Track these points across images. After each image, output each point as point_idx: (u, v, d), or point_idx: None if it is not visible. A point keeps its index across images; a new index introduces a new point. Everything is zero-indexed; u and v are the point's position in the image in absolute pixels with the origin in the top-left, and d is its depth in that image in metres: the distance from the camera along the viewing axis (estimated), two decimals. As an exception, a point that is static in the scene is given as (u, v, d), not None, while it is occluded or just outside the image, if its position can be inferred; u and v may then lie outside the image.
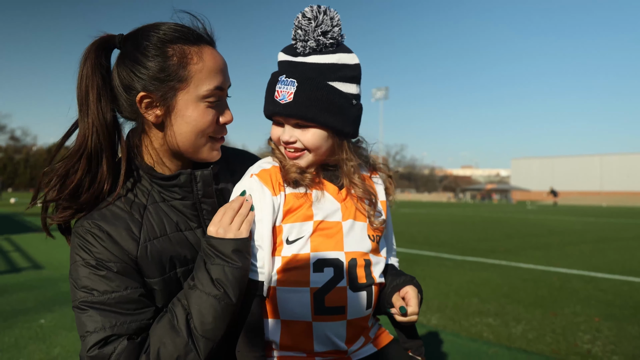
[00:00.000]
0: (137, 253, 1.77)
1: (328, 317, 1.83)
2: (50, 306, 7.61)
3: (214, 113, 1.85)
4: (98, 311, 1.68)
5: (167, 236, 1.85)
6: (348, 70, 1.89)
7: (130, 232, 1.79)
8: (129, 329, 1.68)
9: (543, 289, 9.52)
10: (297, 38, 1.86)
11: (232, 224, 1.72)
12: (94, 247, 1.74)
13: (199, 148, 1.88)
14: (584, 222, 32.54)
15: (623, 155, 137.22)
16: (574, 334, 6.48)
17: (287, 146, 1.89)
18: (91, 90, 1.79)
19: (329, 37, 1.85)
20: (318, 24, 1.83)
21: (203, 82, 1.80)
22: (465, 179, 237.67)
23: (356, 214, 1.95)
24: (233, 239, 1.70)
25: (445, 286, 9.66)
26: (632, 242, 18.67)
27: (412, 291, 1.95)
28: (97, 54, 1.82)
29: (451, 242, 18.22)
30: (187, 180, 1.87)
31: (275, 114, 1.87)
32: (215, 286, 1.67)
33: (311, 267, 1.82)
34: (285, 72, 1.87)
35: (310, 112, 1.83)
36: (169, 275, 1.83)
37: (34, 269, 11.03)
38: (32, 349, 5.70)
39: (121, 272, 1.73)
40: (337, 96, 1.86)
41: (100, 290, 1.70)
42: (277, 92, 1.84)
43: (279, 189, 1.88)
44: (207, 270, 1.70)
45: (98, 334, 1.65)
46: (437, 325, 6.80)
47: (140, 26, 1.86)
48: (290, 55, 1.90)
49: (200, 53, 1.81)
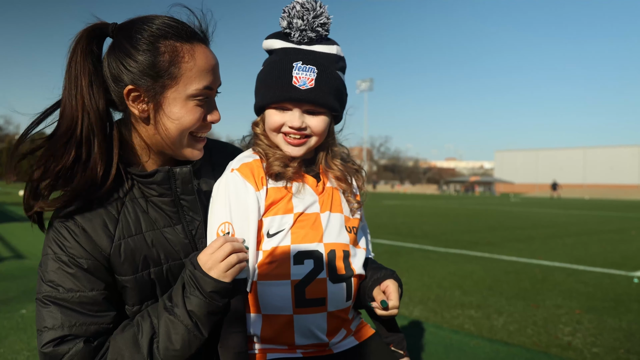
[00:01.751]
0: (110, 250, 1.75)
1: (309, 310, 1.83)
2: (32, 296, 7.41)
3: (202, 111, 1.83)
4: (60, 308, 1.67)
5: (142, 235, 1.83)
6: (343, 62, 1.99)
7: (105, 228, 1.77)
8: (87, 331, 1.67)
9: (525, 281, 9.59)
10: (295, 27, 1.88)
11: (222, 262, 1.65)
12: (67, 242, 1.73)
13: (182, 146, 1.86)
14: (567, 214, 32.80)
15: (606, 149, 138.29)
16: (555, 326, 6.53)
17: (296, 132, 1.89)
18: (83, 76, 1.75)
19: (326, 29, 1.92)
20: (317, 15, 1.88)
21: (193, 81, 1.78)
22: (449, 171, 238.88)
23: (332, 206, 1.97)
24: (215, 279, 1.64)
25: (428, 278, 9.70)
26: (614, 235, 18.83)
27: (393, 285, 1.97)
28: (88, 41, 1.78)
29: (435, 234, 18.30)
30: (165, 178, 1.85)
31: (294, 99, 1.86)
32: (190, 316, 1.64)
33: (291, 259, 1.83)
34: (301, 59, 1.87)
35: (330, 99, 1.89)
36: (141, 275, 1.81)
37: (16, 259, 10.96)
38: (13, 339, 5.66)
39: (91, 269, 1.72)
40: (342, 85, 1.97)
41: (66, 287, 1.69)
42: (295, 78, 1.84)
43: (262, 183, 1.88)
44: (184, 298, 1.67)
45: (55, 331, 1.64)
46: (420, 317, 6.81)
47: (135, 17, 1.82)
48: (290, 42, 1.92)
49: (192, 51, 1.79)
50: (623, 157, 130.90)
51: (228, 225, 1.81)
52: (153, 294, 1.85)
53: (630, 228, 22.21)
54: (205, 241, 1.90)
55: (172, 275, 1.86)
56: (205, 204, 1.94)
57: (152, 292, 1.85)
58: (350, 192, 2.04)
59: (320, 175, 2.02)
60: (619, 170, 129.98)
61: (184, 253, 1.88)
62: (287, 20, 1.90)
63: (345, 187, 2.03)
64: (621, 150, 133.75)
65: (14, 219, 20.64)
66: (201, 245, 1.92)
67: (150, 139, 1.86)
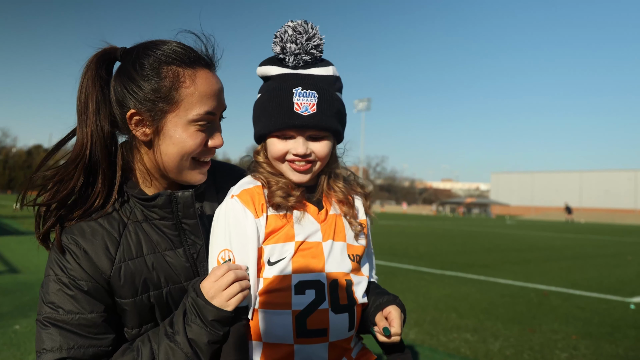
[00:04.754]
0: (111, 273, 1.75)
1: (310, 340, 1.81)
2: (26, 311, 7.52)
3: (203, 136, 1.83)
4: (59, 330, 1.67)
5: (142, 258, 1.82)
6: (339, 82, 1.97)
7: (106, 250, 1.77)
8: (85, 353, 1.67)
9: (521, 305, 9.58)
10: (289, 51, 1.87)
11: (225, 290, 1.66)
12: (68, 264, 1.73)
13: (183, 170, 1.86)
14: (562, 238, 32.87)
15: (602, 172, 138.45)
16: (551, 352, 6.52)
17: (301, 159, 1.87)
18: (90, 101, 1.79)
19: (320, 50, 1.91)
20: (310, 37, 1.87)
21: (194, 106, 1.78)
22: (445, 192, 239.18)
23: (335, 235, 1.94)
24: (217, 308, 1.65)
25: (423, 300, 9.70)
26: (610, 260, 18.84)
27: (395, 311, 1.94)
28: (97, 66, 1.81)
29: (430, 255, 18.27)
30: (166, 202, 1.84)
31: (298, 126, 1.84)
32: (190, 345, 1.66)
33: (292, 289, 1.81)
34: (300, 84, 1.86)
35: (333, 123, 1.89)
36: (141, 298, 1.80)
37: (9, 273, 10.92)
38: (6, 355, 5.62)
39: (91, 292, 1.72)
40: (342, 106, 1.96)
41: (66, 309, 1.69)
42: (296, 105, 1.83)
43: (262, 210, 1.86)
44: (184, 326, 1.68)
45: (54, 353, 1.64)
46: (415, 340, 6.80)
47: (143, 42, 1.85)
48: (285, 67, 1.91)
49: (194, 77, 1.79)
50: (619, 181, 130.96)
51: (228, 253, 1.80)
52: (152, 317, 1.85)
53: (626, 253, 22.23)
54: (206, 265, 1.89)
55: (172, 299, 1.85)
56: (207, 227, 1.92)
57: (151, 316, 1.84)
58: (352, 215, 2.01)
59: (323, 202, 2.00)
60: (615, 194, 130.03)
61: (185, 277, 1.88)
62: (280, 45, 1.89)
63: (347, 210, 2.00)
64: (617, 174, 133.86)
65: (9, 232, 20.61)
66: (202, 268, 1.91)
67: (152, 162, 1.87)
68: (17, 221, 26.99)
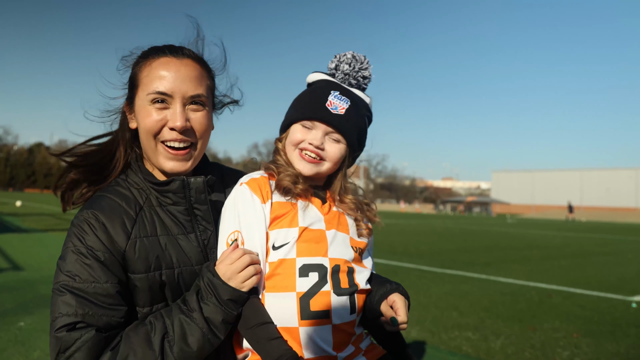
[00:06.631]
0: (126, 247, 1.87)
1: (314, 322, 1.87)
2: (30, 308, 7.57)
3: (159, 114, 1.95)
4: (75, 296, 1.74)
5: (156, 237, 1.94)
6: (371, 114, 2.24)
7: (123, 225, 1.90)
8: (99, 321, 1.74)
9: (522, 303, 9.61)
10: (341, 70, 2.15)
11: (240, 273, 1.78)
12: (87, 235, 1.84)
13: (154, 153, 2.00)
14: (563, 236, 32.85)
15: (603, 171, 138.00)
16: (552, 350, 6.55)
17: (313, 150, 2.01)
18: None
19: (365, 83, 2.21)
20: (362, 67, 2.17)
21: (148, 86, 1.95)
22: (446, 191, 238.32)
23: (339, 226, 2.04)
24: (234, 288, 1.77)
25: (424, 298, 9.73)
26: (610, 258, 18.88)
27: (400, 300, 2.00)
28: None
29: (431, 253, 18.31)
30: (180, 187, 1.98)
31: (323, 119, 2.02)
32: (207, 322, 1.76)
33: (297, 272, 1.89)
34: (339, 90, 2.09)
35: (353, 133, 2.08)
36: (153, 274, 1.89)
37: (13, 270, 10.92)
38: (11, 352, 5.66)
39: (107, 262, 1.82)
40: (365, 130, 2.18)
41: (83, 277, 1.77)
42: (329, 102, 2.04)
43: (267, 196, 1.97)
44: (200, 304, 1.78)
45: (69, 317, 1.71)
46: (417, 338, 6.84)
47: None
48: (334, 79, 2.17)
49: (153, 61, 1.99)
50: (620, 180, 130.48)
51: (237, 234, 1.92)
52: (163, 297, 1.93)
53: (627, 251, 22.27)
54: (216, 252, 1.99)
55: (183, 280, 1.94)
56: (217, 217, 2.05)
57: (162, 294, 1.93)
58: (361, 220, 2.14)
59: (328, 200, 2.10)
60: (616, 192, 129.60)
61: (196, 260, 1.98)
62: (336, 63, 2.16)
63: (357, 215, 2.12)
64: (618, 172, 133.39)
65: (11, 229, 20.63)
66: (212, 255, 2.01)
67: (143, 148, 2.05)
68: (19, 218, 27.05)
